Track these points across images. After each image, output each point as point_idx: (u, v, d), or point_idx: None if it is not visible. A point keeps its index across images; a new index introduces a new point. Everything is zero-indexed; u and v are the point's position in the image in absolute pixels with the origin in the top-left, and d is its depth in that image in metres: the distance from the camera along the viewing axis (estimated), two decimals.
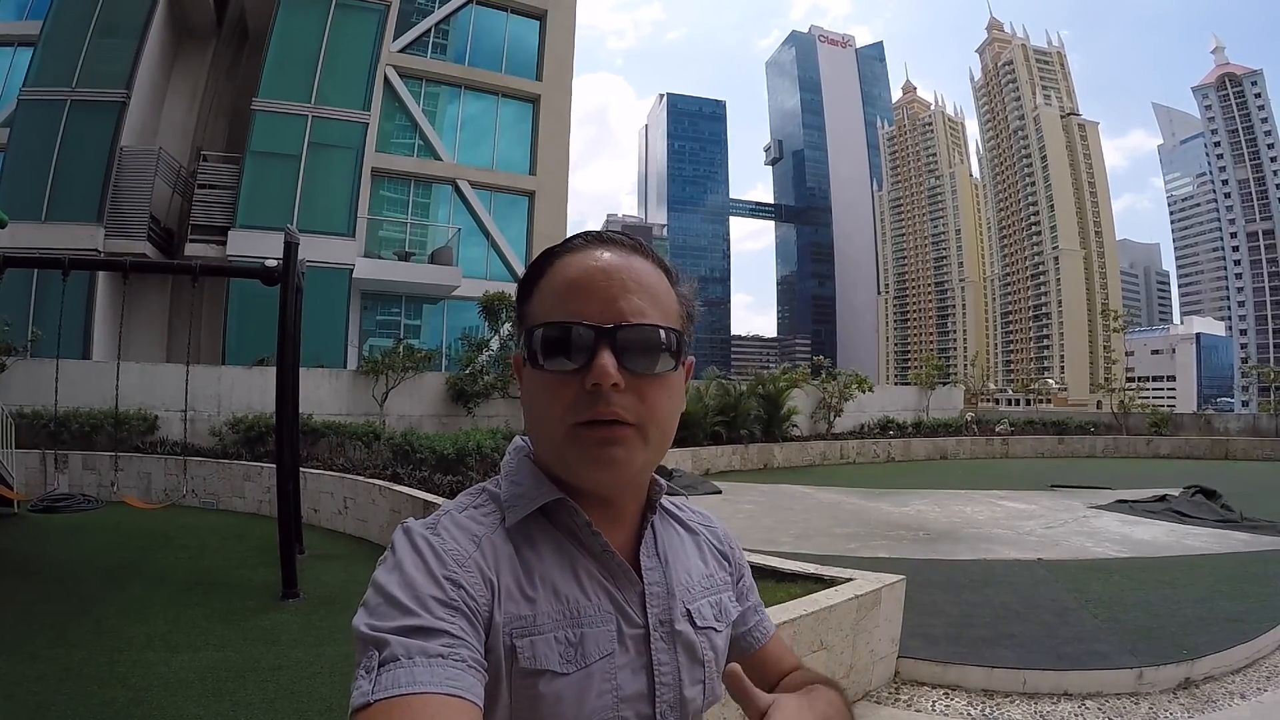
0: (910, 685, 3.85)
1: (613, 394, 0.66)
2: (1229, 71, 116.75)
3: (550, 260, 0.73)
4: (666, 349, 0.69)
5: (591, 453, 0.67)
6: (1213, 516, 8.56)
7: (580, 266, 0.70)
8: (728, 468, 14.06)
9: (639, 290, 0.69)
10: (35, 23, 14.84)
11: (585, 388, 0.66)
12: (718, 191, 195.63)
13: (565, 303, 0.69)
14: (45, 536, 7.28)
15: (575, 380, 0.67)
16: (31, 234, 12.34)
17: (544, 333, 0.68)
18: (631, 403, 0.67)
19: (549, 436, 0.70)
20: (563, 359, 0.67)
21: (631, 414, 0.67)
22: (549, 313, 0.69)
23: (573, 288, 0.69)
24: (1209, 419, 22.29)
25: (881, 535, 7.67)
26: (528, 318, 0.72)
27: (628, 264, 0.71)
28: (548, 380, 0.69)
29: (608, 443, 0.67)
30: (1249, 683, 3.94)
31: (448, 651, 0.56)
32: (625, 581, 0.72)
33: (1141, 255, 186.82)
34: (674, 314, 0.73)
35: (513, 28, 20.15)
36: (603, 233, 0.74)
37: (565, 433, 0.68)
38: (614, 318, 0.67)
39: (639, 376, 0.67)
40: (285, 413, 6.03)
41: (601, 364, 0.65)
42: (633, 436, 0.68)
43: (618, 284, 0.69)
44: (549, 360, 0.68)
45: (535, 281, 0.73)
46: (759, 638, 0.88)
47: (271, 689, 3.66)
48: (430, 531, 0.66)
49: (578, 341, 0.67)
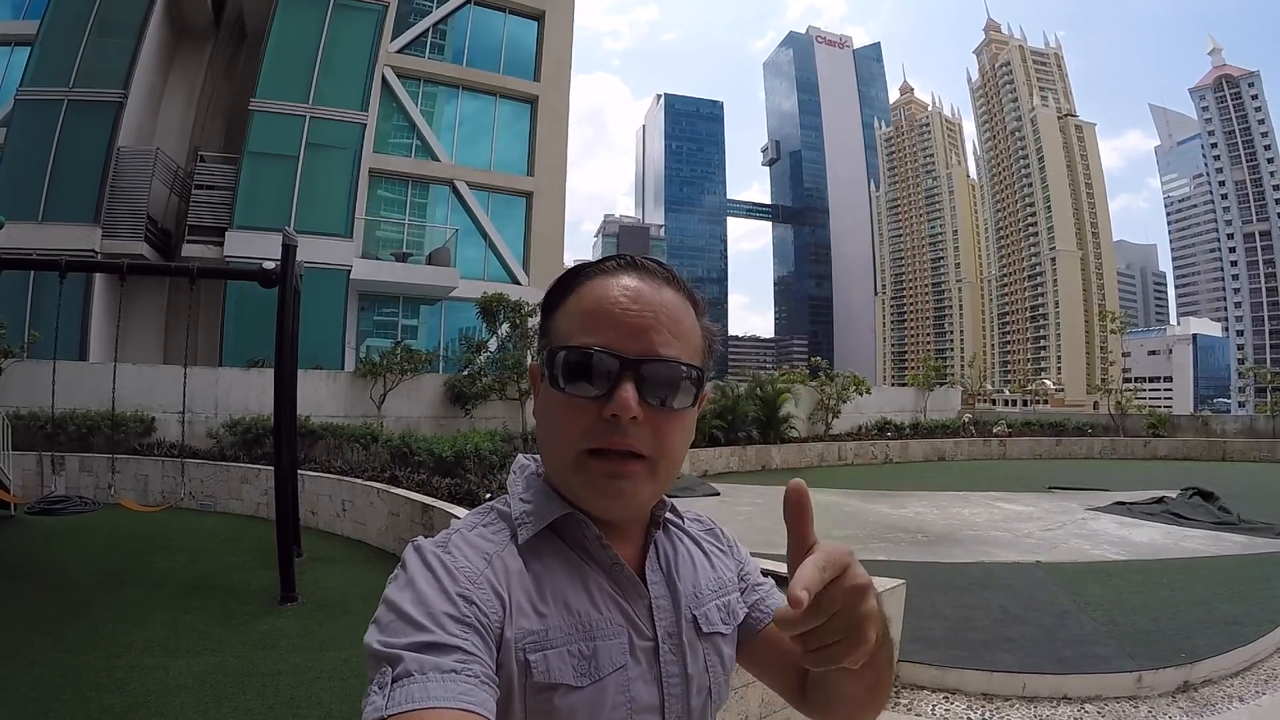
0: (910, 689, 3.85)
1: (630, 426, 0.66)
2: (1226, 73, 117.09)
3: (580, 279, 0.73)
4: (687, 386, 0.69)
5: (598, 484, 0.68)
6: (1210, 518, 8.57)
7: (609, 291, 0.70)
8: (726, 469, 14.07)
9: (668, 323, 0.69)
10: (32, 22, 14.78)
11: (603, 416, 0.66)
12: (715, 192, 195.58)
13: (592, 327, 0.69)
14: (42, 539, 7.24)
15: (593, 407, 0.67)
16: (28, 235, 12.29)
17: (567, 356, 0.68)
18: (646, 436, 0.67)
19: (559, 458, 0.71)
20: (584, 384, 0.67)
21: (645, 447, 0.67)
22: (574, 334, 0.69)
23: (601, 313, 0.69)
24: (1206, 420, 22.34)
25: (880, 537, 7.68)
26: (552, 335, 0.72)
27: (659, 295, 0.70)
28: (566, 402, 0.69)
29: (616, 476, 0.67)
30: (1247, 686, 3.95)
31: (460, 667, 0.56)
32: (634, 594, 0.73)
33: (1138, 256, 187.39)
34: (697, 350, 0.73)
35: (510, 28, 20.15)
36: (636, 257, 0.74)
37: (575, 458, 0.68)
38: (640, 349, 0.67)
39: (657, 411, 0.68)
40: (283, 415, 6.02)
41: (624, 397, 0.65)
42: (641, 471, 0.68)
43: (648, 315, 0.69)
44: (570, 384, 0.68)
45: (563, 298, 0.73)
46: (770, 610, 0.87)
47: (270, 694, 3.65)
48: (441, 549, 0.66)
49: (601, 369, 0.67)
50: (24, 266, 7.35)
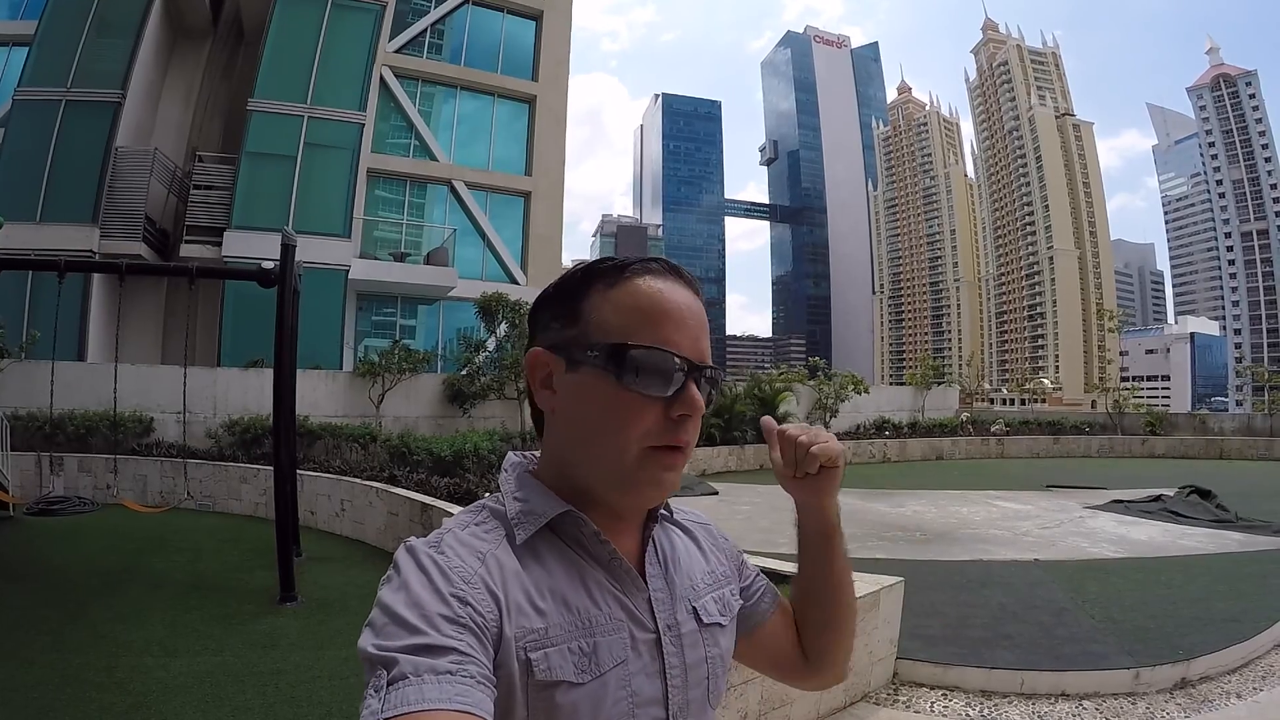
0: (909, 686, 3.86)
1: (687, 423, 0.72)
2: (1223, 72, 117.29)
3: (624, 273, 0.73)
4: (716, 388, 0.77)
5: (659, 475, 0.72)
6: (1208, 516, 8.59)
7: (670, 297, 0.73)
8: (724, 468, 14.08)
9: (706, 333, 0.75)
10: (30, 22, 14.75)
11: (671, 415, 0.70)
12: (713, 191, 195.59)
13: (658, 328, 0.71)
14: (41, 540, 7.24)
15: (659, 406, 0.70)
16: (26, 235, 12.28)
17: (645, 356, 0.69)
18: (693, 433, 0.74)
19: (615, 454, 0.70)
20: (658, 383, 0.70)
21: (692, 442, 0.74)
22: (633, 332, 0.70)
23: (665, 316, 0.71)
24: (1203, 419, 22.38)
25: (878, 536, 7.69)
26: (589, 323, 0.72)
27: (699, 306, 0.76)
28: (630, 400, 0.69)
29: (673, 468, 0.72)
30: (1245, 682, 3.97)
31: (456, 668, 0.56)
32: (633, 588, 0.73)
33: (1136, 255, 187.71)
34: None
35: (509, 28, 20.14)
36: (669, 262, 0.77)
37: (639, 453, 0.70)
38: (699, 356, 0.72)
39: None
40: (283, 415, 6.01)
41: (698, 399, 0.71)
42: (683, 462, 0.74)
43: (698, 325, 0.74)
44: (642, 382, 0.69)
45: (603, 289, 0.73)
46: (768, 605, 0.91)
47: (271, 694, 3.65)
48: (434, 550, 0.66)
49: (672, 370, 0.70)
50: (22, 267, 7.36)
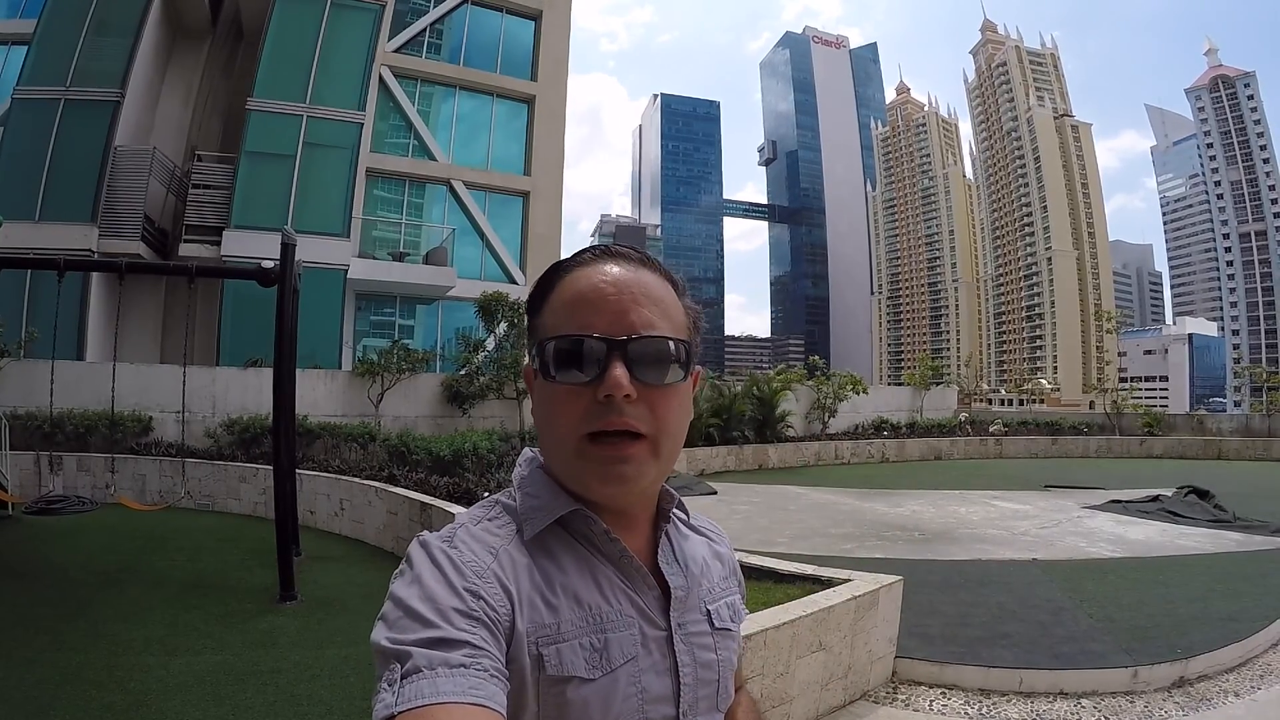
0: (908, 685, 3.88)
1: (625, 405, 0.67)
2: (1222, 73, 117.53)
3: (559, 274, 0.74)
4: (676, 360, 0.71)
5: (603, 469, 0.69)
6: (1206, 516, 8.62)
7: (590, 280, 0.71)
8: (723, 468, 14.09)
9: (648, 303, 0.70)
10: (29, 21, 14.72)
11: (598, 399, 0.67)
12: (711, 192, 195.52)
13: (576, 315, 0.70)
14: (40, 539, 7.24)
15: (588, 392, 0.68)
16: (25, 234, 12.27)
17: (556, 345, 0.69)
18: (643, 414, 0.68)
19: (560, 449, 0.71)
20: (575, 371, 0.68)
21: (644, 425, 0.68)
22: (559, 326, 0.70)
23: (583, 301, 0.70)
24: (1201, 419, 22.39)
25: (877, 536, 7.70)
26: (539, 331, 0.73)
27: (636, 277, 0.72)
28: (559, 392, 0.69)
29: (619, 460, 0.68)
30: (1242, 681, 3.98)
31: (469, 661, 0.57)
32: (643, 586, 0.73)
33: (1134, 256, 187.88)
34: (682, 325, 0.74)
35: (508, 28, 20.14)
36: (611, 247, 0.75)
37: (576, 446, 0.69)
38: (625, 330, 0.68)
39: (650, 388, 0.69)
40: (282, 414, 6.01)
41: (615, 375, 0.66)
42: (643, 451, 0.69)
43: (628, 297, 0.70)
44: (561, 372, 0.69)
45: (545, 295, 0.74)
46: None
47: (271, 692, 3.65)
48: (447, 544, 0.66)
49: (589, 354, 0.68)
50: (21, 266, 7.34)
